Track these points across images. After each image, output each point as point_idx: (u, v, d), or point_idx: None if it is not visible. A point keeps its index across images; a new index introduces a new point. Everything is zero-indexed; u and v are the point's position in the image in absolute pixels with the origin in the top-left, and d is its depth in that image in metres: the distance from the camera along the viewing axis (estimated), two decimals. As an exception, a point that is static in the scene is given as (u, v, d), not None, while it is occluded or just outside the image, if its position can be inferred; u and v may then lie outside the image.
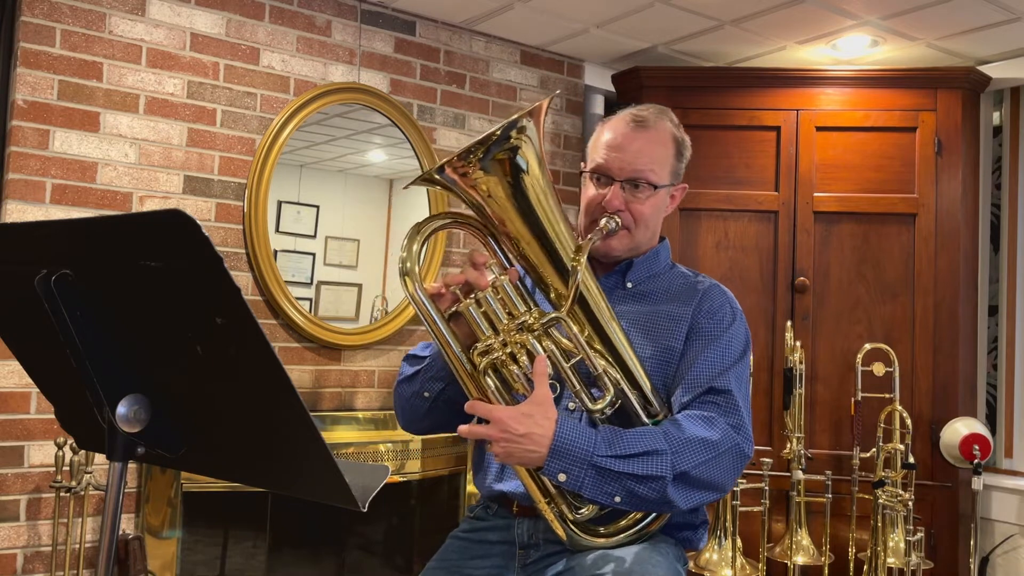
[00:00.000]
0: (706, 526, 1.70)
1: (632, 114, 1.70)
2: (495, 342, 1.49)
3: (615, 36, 3.51)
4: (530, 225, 1.53)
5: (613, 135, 1.69)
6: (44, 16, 2.70)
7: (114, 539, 1.18)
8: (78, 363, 1.12)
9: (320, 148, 3.28)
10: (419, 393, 1.65)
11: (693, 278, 1.73)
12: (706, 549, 3.06)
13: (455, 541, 1.71)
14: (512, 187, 1.51)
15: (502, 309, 1.51)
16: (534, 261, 1.55)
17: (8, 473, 2.63)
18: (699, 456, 1.47)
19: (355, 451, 3.09)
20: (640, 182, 1.66)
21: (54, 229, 1.17)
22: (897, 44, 3.43)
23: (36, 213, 2.68)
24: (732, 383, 1.57)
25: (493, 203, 1.52)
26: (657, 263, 1.75)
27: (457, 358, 1.49)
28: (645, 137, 1.67)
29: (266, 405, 1.10)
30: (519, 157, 1.50)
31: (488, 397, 1.48)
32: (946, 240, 3.37)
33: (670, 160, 1.70)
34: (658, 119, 1.70)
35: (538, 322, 1.50)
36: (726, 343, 1.61)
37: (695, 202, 3.50)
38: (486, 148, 1.47)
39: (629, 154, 1.66)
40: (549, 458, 1.42)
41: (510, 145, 1.48)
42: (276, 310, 3.05)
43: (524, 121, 1.49)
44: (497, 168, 1.49)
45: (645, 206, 1.67)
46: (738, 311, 1.68)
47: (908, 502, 3.02)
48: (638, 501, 1.47)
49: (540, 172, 1.53)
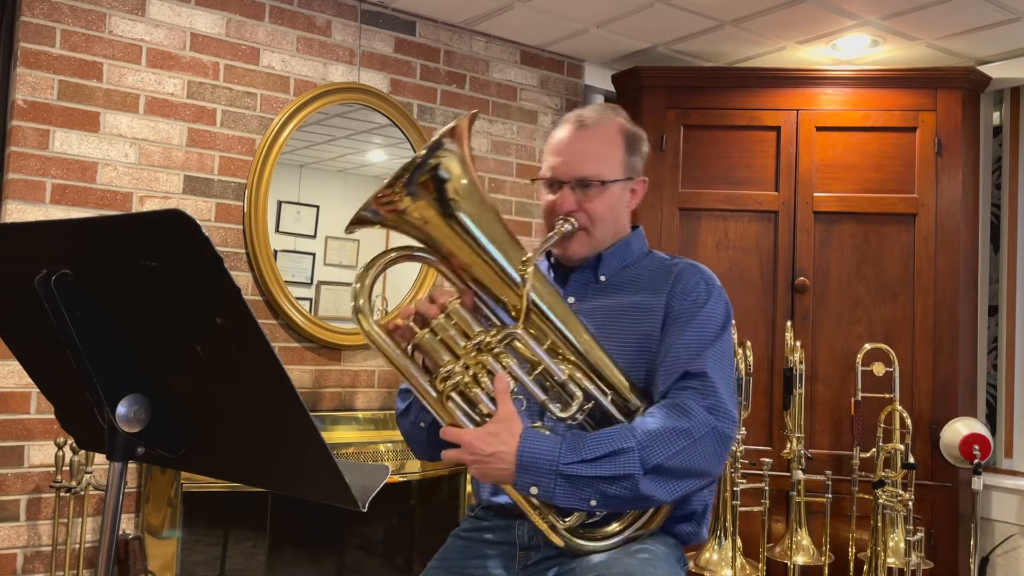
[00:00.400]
0: (707, 515, 1.67)
1: (576, 115, 1.71)
2: (456, 366, 1.49)
3: (615, 36, 3.51)
4: (472, 246, 1.52)
5: (559, 139, 1.70)
6: (44, 16, 2.70)
7: (114, 539, 1.18)
8: (78, 363, 1.12)
9: (320, 148, 3.28)
10: (415, 424, 1.67)
11: (669, 261, 1.72)
12: (706, 549, 3.06)
13: (456, 540, 1.72)
14: (444, 211, 1.49)
15: (459, 333, 1.51)
16: (485, 280, 1.54)
17: (8, 473, 2.63)
18: (672, 447, 1.46)
19: (355, 451, 3.09)
20: (589, 181, 1.65)
21: (54, 229, 1.17)
22: (897, 44, 3.43)
23: (36, 213, 2.68)
24: (708, 364, 1.55)
25: (431, 229, 1.51)
26: (629, 252, 1.73)
27: (422, 388, 1.50)
28: (588, 136, 1.68)
29: (266, 405, 1.10)
30: (444, 176, 1.48)
31: (457, 422, 1.48)
32: (946, 240, 3.37)
33: (619, 155, 1.69)
34: (602, 117, 1.70)
35: (495, 340, 1.49)
36: (701, 323, 1.59)
37: (695, 202, 3.50)
38: (410, 175, 1.45)
39: (574, 155, 1.67)
40: (518, 473, 1.43)
41: (433, 167, 1.47)
42: (276, 310, 3.05)
43: (446, 141, 1.47)
44: (425, 194, 1.47)
45: (598, 204, 1.66)
46: (715, 287, 1.65)
47: (908, 502, 3.02)
48: (615, 502, 1.47)
49: (472, 191, 1.51)
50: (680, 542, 1.64)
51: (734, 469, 3.04)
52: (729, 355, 1.61)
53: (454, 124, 1.49)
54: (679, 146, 3.53)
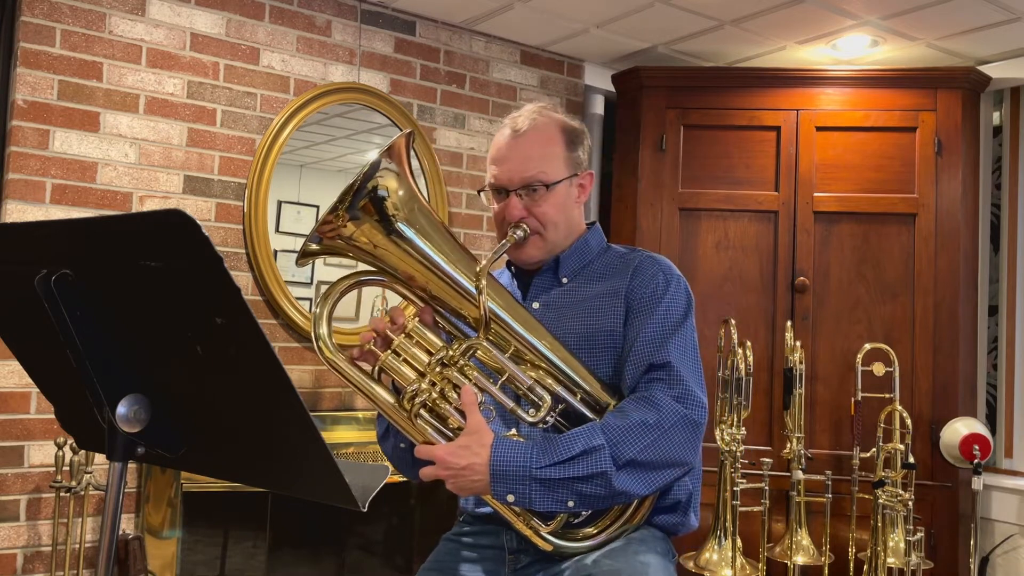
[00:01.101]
0: (693, 503, 1.66)
1: (511, 121, 1.71)
2: (422, 384, 1.49)
3: (615, 36, 3.51)
4: (423, 262, 1.52)
5: (497, 148, 1.70)
6: (44, 16, 2.70)
7: (114, 539, 1.18)
8: (78, 363, 1.12)
9: (320, 148, 3.28)
10: (396, 446, 1.67)
11: (627, 254, 1.72)
12: (706, 549, 3.06)
13: (448, 544, 1.72)
14: (388, 231, 1.49)
15: (421, 351, 1.51)
16: (441, 295, 1.54)
17: (8, 473, 2.63)
18: (642, 440, 1.46)
19: (355, 451, 3.09)
20: (533, 185, 1.65)
21: (54, 229, 1.17)
22: (897, 44, 3.43)
23: (36, 213, 2.68)
24: (672, 354, 1.55)
25: (380, 251, 1.51)
26: (587, 250, 1.73)
27: (390, 409, 1.50)
28: (525, 141, 1.67)
29: (266, 405, 1.10)
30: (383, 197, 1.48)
31: (428, 439, 1.49)
32: (946, 240, 3.37)
33: (560, 153, 1.69)
34: (536, 119, 1.69)
35: (458, 353, 1.50)
36: (662, 313, 1.59)
37: (695, 202, 3.50)
38: (350, 199, 1.45)
39: (514, 163, 1.66)
40: (492, 483, 1.44)
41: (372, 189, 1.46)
42: (276, 310, 3.05)
43: (383, 161, 1.47)
44: (367, 216, 1.47)
45: (546, 207, 1.66)
46: (673, 276, 1.65)
47: (908, 502, 3.02)
48: (591, 500, 1.47)
49: (415, 208, 1.51)
50: (668, 534, 1.64)
51: (734, 469, 3.04)
52: (693, 342, 1.61)
53: (390, 143, 1.48)
54: (679, 146, 3.53)
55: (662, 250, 3.41)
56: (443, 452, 1.45)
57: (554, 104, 1.79)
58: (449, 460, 1.44)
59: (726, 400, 3.08)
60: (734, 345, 3.10)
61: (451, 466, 1.44)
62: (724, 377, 3.11)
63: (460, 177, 3.51)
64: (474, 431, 1.45)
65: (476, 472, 1.44)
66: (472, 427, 1.46)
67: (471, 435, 1.45)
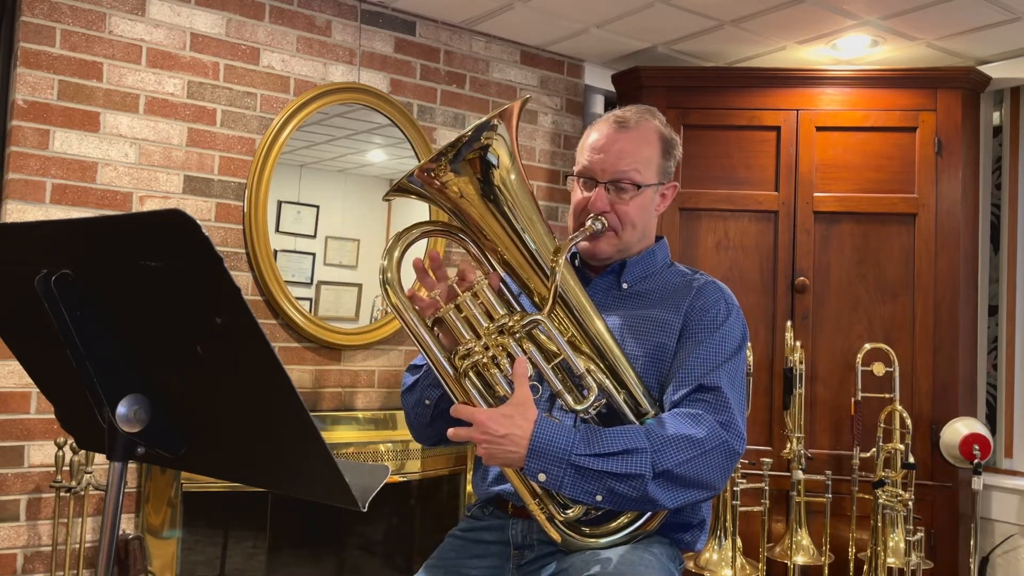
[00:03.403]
0: (705, 527, 1.68)
1: (615, 115, 1.71)
2: (476, 346, 1.49)
3: (615, 36, 3.51)
4: (507, 228, 1.53)
5: (596, 137, 1.70)
6: (44, 16, 2.70)
7: (114, 539, 1.18)
8: (78, 363, 1.12)
9: (320, 148, 3.28)
10: (420, 401, 1.66)
11: (690, 275, 1.72)
12: (706, 549, 3.06)
13: (453, 540, 1.72)
14: (484, 190, 1.50)
15: (482, 313, 1.51)
16: (514, 265, 1.55)
17: (8, 473, 2.63)
18: (683, 454, 1.46)
19: (355, 451, 3.09)
20: (623, 183, 1.66)
21: (54, 229, 1.17)
22: (897, 44, 3.43)
23: (36, 213, 2.68)
24: (723, 380, 1.55)
25: (468, 207, 1.52)
26: (653, 262, 1.74)
27: (439, 363, 1.51)
28: (627, 137, 1.67)
29: (266, 405, 1.10)
30: (490, 158, 1.49)
31: (471, 400, 1.49)
32: (946, 240, 3.37)
33: (656, 159, 1.69)
34: (642, 118, 1.70)
35: (518, 324, 1.50)
36: (719, 340, 1.60)
37: (695, 202, 3.50)
38: (456, 150, 1.46)
39: (611, 155, 1.66)
40: (528, 458, 1.43)
41: (481, 146, 1.48)
42: (276, 310, 3.05)
43: (496, 122, 1.48)
44: (468, 170, 1.48)
45: (630, 207, 1.67)
46: (733, 307, 1.66)
47: (908, 502, 3.02)
48: (620, 500, 1.47)
49: (514, 175, 1.52)
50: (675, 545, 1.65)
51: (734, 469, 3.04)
52: (742, 375, 1.62)
53: (505, 107, 1.50)
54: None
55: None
56: (484, 416, 1.44)
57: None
58: (490, 425, 1.43)
59: (726, 400, 3.08)
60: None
61: (490, 431, 1.43)
62: (724, 377, 3.10)
63: (460, 177, 3.50)
64: (521, 402, 1.45)
65: (514, 443, 1.43)
66: (519, 398, 1.45)
67: (517, 406, 1.45)
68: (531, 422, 1.44)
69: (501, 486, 1.64)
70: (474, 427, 1.44)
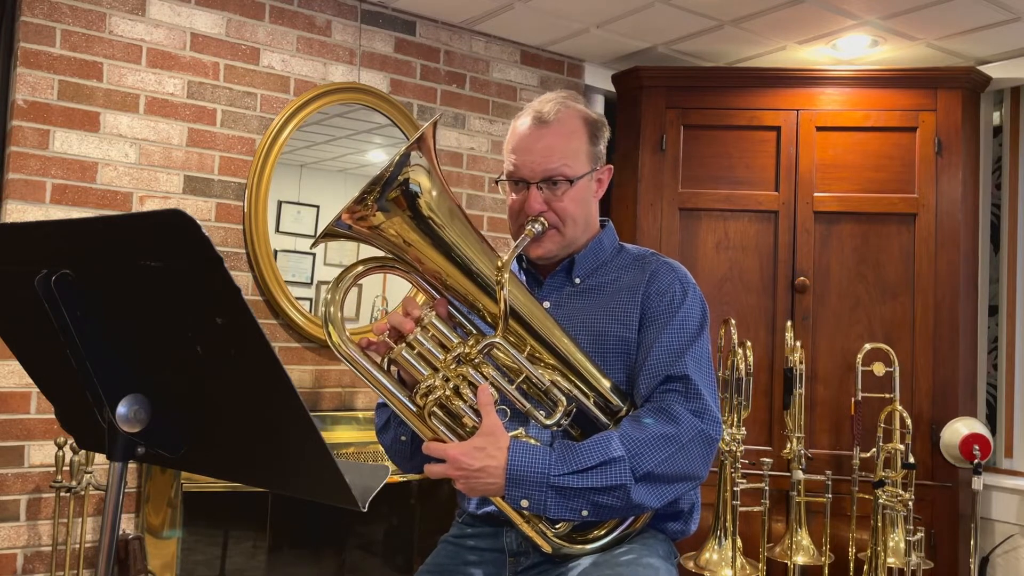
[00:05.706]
0: (695, 511, 1.65)
1: (535, 110, 1.65)
2: (436, 380, 1.45)
3: (615, 36, 3.51)
4: (443, 254, 1.48)
5: (518, 139, 1.65)
6: (44, 16, 2.70)
7: (114, 539, 1.18)
8: (78, 363, 1.12)
9: (320, 148, 3.28)
10: (396, 438, 1.63)
11: (643, 259, 1.68)
12: (706, 549, 3.06)
13: (446, 546, 1.70)
14: (415, 223, 1.46)
15: (436, 346, 1.47)
16: (460, 289, 1.51)
17: (8, 473, 2.63)
18: (661, 453, 1.45)
19: (355, 451, 3.09)
20: (555, 179, 1.61)
21: (54, 229, 1.17)
22: (897, 44, 3.43)
23: (36, 213, 2.68)
24: (689, 367, 1.52)
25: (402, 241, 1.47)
26: (602, 251, 1.70)
27: (402, 404, 1.47)
28: (551, 132, 1.62)
29: (266, 405, 1.10)
30: (413, 188, 1.45)
31: (440, 437, 1.45)
32: (946, 240, 3.37)
33: (583, 147, 1.65)
34: (561, 110, 1.64)
35: (475, 350, 1.46)
36: (679, 324, 1.57)
37: (695, 202, 3.50)
38: (380, 189, 1.42)
39: (538, 154, 1.61)
40: (507, 487, 1.41)
41: (403, 181, 1.43)
42: (276, 310, 3.05)
43: (412, 153, 1.44)
44: (395, 208, 1.44)
45: (566, 202, 1.62)
46: (689, 286, 1.63)
47: (908, 502, 3.02)
48: (607, 511, 1.45)
49: (439, 199, 1.48)
50: (669, 538, 1.64)
51: (734, 469, 3.04)
52: (708, 355, 1.60)
53: (419, 133, 1.45)
54: (679, 146, 3.53)
55: (662, 250, 3.40)
56: (456, 452, 1.41)
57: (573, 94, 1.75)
58: (463, 460, 1.41)
59: (726, 400, 3.08)
60: (734, 345, 3.10)
61: (464, 466, 1.41)
62: (724, 377, 3.11)
63: (460, 177, 3.51)
64: (490, 432, 1.42)
65: (491, 475, 1.41)
66: (488, 428, 1.43)
67: (487, 436, 1.42)
68: (504, 451, 1.42)
69: (487, 507, 1.62)
70: (448, 464, 1.42)
